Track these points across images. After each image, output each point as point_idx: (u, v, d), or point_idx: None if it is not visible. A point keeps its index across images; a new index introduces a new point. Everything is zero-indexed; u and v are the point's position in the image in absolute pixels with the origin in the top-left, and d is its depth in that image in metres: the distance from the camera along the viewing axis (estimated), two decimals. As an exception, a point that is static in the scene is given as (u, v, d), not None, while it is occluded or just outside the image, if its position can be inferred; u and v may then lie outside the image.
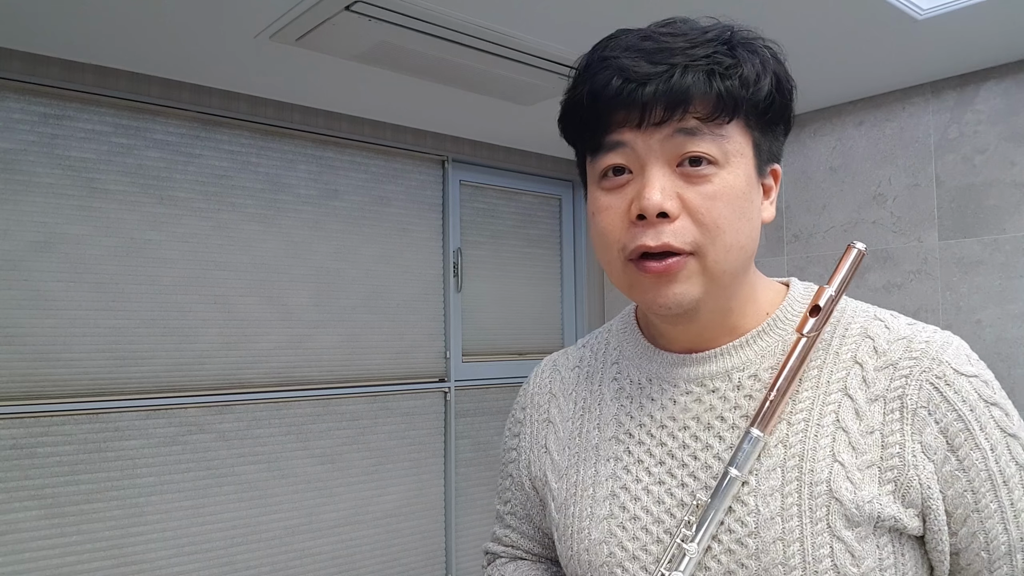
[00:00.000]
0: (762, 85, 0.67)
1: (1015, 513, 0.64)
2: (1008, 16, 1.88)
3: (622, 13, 1.80)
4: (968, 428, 0.64)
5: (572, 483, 0.77)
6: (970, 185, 2.29)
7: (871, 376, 0.67)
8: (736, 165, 0.66)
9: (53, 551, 1.95)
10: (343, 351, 2.55)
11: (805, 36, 1.98)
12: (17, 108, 1.98)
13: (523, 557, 0.90)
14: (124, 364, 2.11)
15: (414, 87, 2.27)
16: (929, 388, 0.65)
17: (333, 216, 2.55)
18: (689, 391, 0.73)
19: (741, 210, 0.66)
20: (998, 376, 2.29)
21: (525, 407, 0.87)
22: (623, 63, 0.65)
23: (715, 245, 0.66)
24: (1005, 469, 0.64)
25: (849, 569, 0.63)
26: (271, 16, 1.77)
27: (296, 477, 2.41)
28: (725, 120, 0.65)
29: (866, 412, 0.66)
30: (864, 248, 0.71)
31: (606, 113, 0.66)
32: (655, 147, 0.65)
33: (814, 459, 0.65)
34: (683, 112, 0.64)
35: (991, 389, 0.67)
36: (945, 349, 0.67)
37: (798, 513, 0.64)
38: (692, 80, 0.63)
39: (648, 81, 0.64)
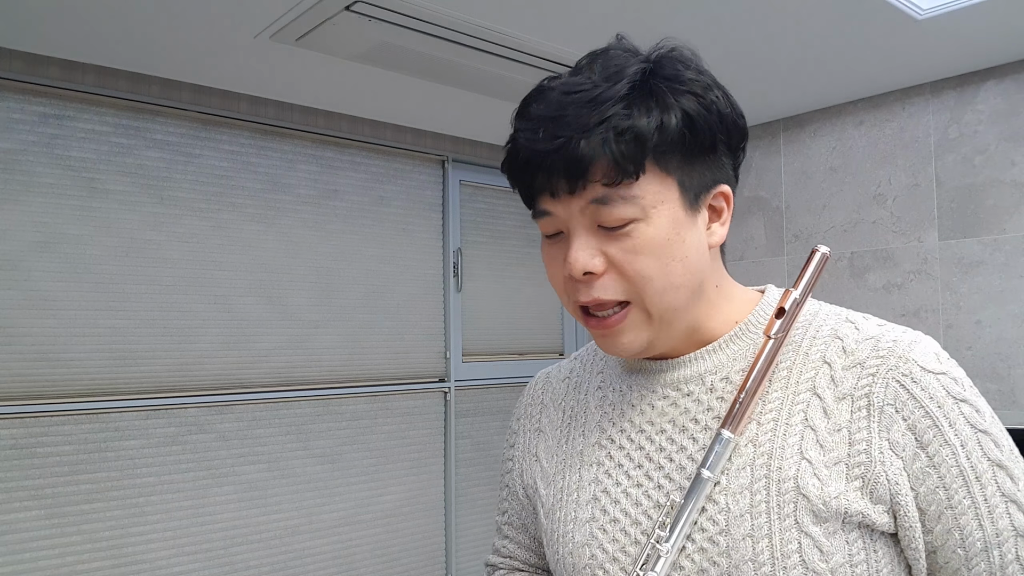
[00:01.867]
0: (667, 132, 0.66)
1: (989, 509, 0.65)
2: (1008, 16, 1.88)
3: (622, 13, 1.80)
4: (937, 425, 0.65)
5: (558, 488, 0.79)
6: (970, 185, 2.29)
7: (839, 375, 0.68)
8: (657, 214, 0.67)
9: (53, 551, 1.95)
10: (343, 351, 2.55)
11: (805, 36, 1.98)
12: (17, 108, 1.98)
13: (521, 568, 0.91)
14: (124, 364, 2.11)
15: (414, 87, 2.28)
16: (896, 386, 0.66)
17: (333, 216, 2.55)
18: (666, 395, 0.75)
19: (668, 255, 0.67)
20: (998, 376, 2.28)
21: (519, 418, 0.90)
22: (525, 139, 0.67)
23: (647, 293, 0.68)
24: (977, 465, 0.65)
25: (818, 564, 0.64)
26: (271, 16, 1.77)
27: (296, 477, 2.41)
28: (632, 179, 0.65)
29: (834, 410, 0.67)
30: (828, 252, 0.72)
31: (526, 184, 0.69)
32: (575, 213, 0.67)
33: (782, 457, 0.67)
34: (584, 182, 0.65)
35: (960, 386, 0.67)
36: (912, 348, 0.68)
37: (766, 510, 0.66)
38: (586, 150, 0.64)
39: (547, 157, 0.65)
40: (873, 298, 2.48)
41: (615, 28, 1.60)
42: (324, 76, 2.18)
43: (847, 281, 2.55)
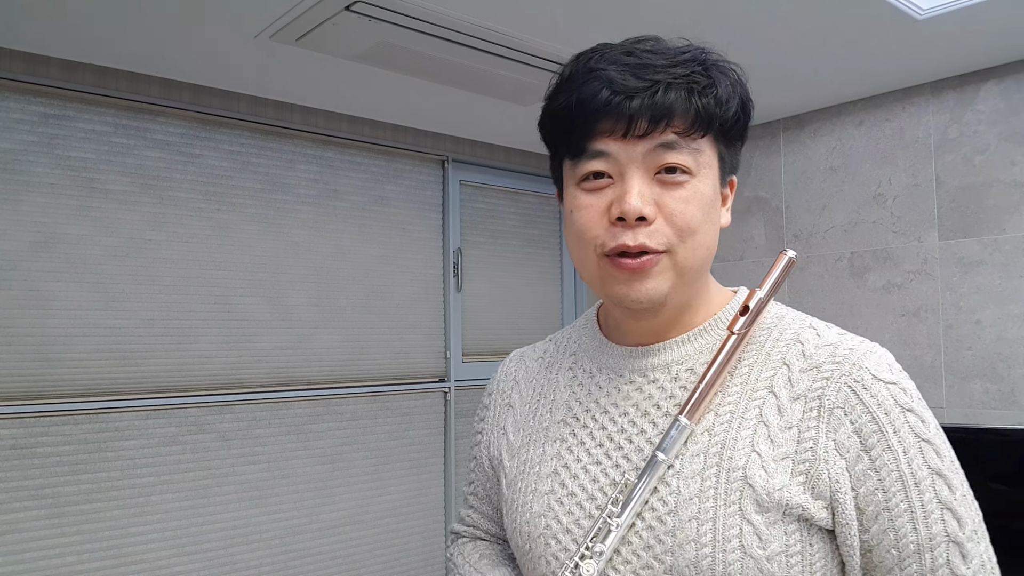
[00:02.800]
0: (731, 105, 0.74)
1: (924, 514, 0.67)
2: (1008, 16, 1.88)
3: (621, 13, 1.80)
4: (882, 430, 0.68)
5: (522, 461, 0.84)
6: (970, 185, 2.29)
7: (796, 377, 0.72)
8: (705, 175, 0.73)
9: (53, 551, 1.95)
10: (343, 351, 2.55)
11: (805, 36, 1.98)
12: (17, 108, 1.98)
13: (482, 537, 0.96)
14: (124, 364, 2.11)
15: (414, 87, 2.27)
16: (847, 390, 0.70)
17: (333, 216, 2.55)
18: (632, 380, 0.79)
19: (708, 214, 0.73)
20: (998, 376, 2.28)
21: (492, 393, 0.95)
22: (611, 75, 0.70)
23: (686, 244, 0.72)
24: (917, 471, 0.68)
25: (755, 550, 0.67)
26: (271, 16, 1.77)
27: (296, 477, 2.41)
28: (700, 135, 0.72)
29: (787, 409, 0.71)
30: (794, 256, 0.76)
31: (592, 122, 0.71)
32: (636, 157, 0.71)
33: (734, 448, 0.71)
34: (664, 126, 0.70)
35: (908, 396, 0.71)
36: (867, 357, 0.72)
37: (714, 495, 0.69)
38: (674, 97, 0.69)
39: (635, 95, 0.69)
40: (873, 298, 2.48)
41: (615, 28, 1.62)
42: (324, 76, 2.18)
43: (847, 281, 2.55)
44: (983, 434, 2.11)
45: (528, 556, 0.79)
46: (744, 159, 2.85)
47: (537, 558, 0.78)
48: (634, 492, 0.71)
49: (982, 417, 2.22)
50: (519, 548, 0.81)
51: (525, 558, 0.80)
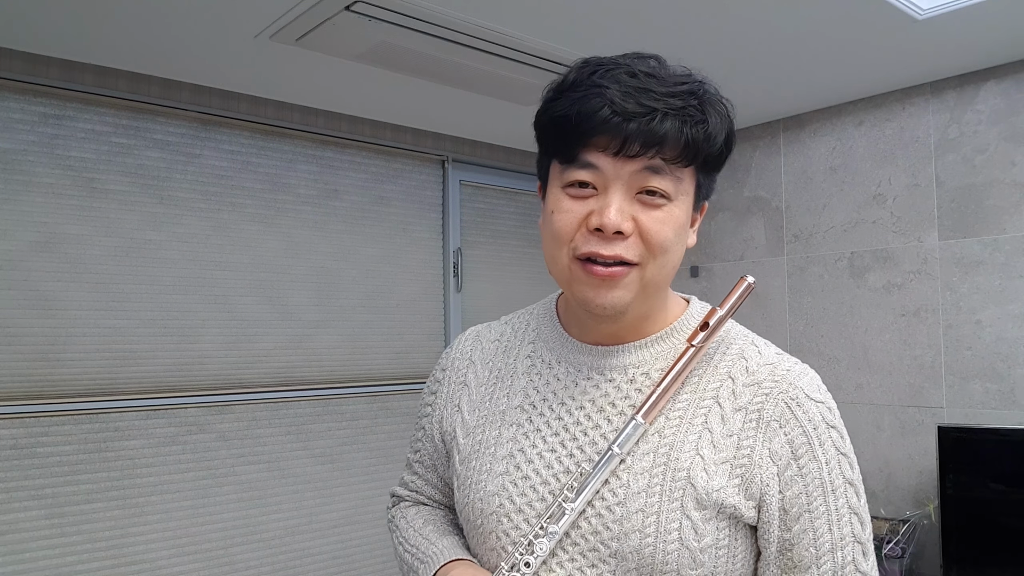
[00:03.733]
0: (718, 140, 0.78)
1: (838, 516, 0.77)
2: (1008, 16, 1.88)
3: (622, 13, 1.80)
4: (810, 442, 0.78)
5: (477, 441, 0.88)
6: (970, 185, 2.29)
7: (739, 390, 0.80)
8: (682, 201, 0.78)
9: (53, 551, 1.95)
10: (343, 351, 2.55)
11: (805, 36, 1.98)
12: (17, 108, 1.98)
13: (424, 503, 1.02)
14: (124, 364, 2.11)
15: (414, 87, 2.27)
16: (783, 406, 0.78)
17: (333, 216, 2.55)
18: (590, 377, 0.85)
19: (679, 236, 0.79)
20: (998, 376, 2.28)
21: (445, 369, 0.99)
22: (613, 95, 0.73)
23: (656, 261, 0.78)
24: (835, 480, 0.78)
25: (691, 542, 0.75)
26: (271, 16, 1.77)
27: (296, 477, 2.41)
28: (685, 164, 0.77)
29: (730, 418, 0.79)
30: (753, 282, 0.82)
31: (588, 135, 0.75)
32: (623, 175, 0.75)
33: (681, 450, 0.78)
34: (655, 152, 0.74)
35: (833, 415, 0.80)
36: (801, 377, 0.81)
37: (659, 491, 0.77)
38: (669, 126, 0.74)
39: (632, 119, 0.73)
40: (873, 298, 2.48)
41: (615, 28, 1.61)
42: (324, 76, 2.18)
43: (847, 281, 2.55)
44: (983, 434, 2.11)
45: (479, 530, 0.85)
46: (744, 159, 2.85)
47: (488, 533, 0.83)
48: (588, 481, 0.78)
49: (982, 417, 2.22)
50: (470, 522, 0.86)
51: (476, 531, 0.85)
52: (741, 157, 2.86)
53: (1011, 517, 2.02)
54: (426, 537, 0.92)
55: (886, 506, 2.39)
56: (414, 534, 0.95)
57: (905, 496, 2.37)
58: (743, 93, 2.44)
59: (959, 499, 2.09)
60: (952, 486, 2.10)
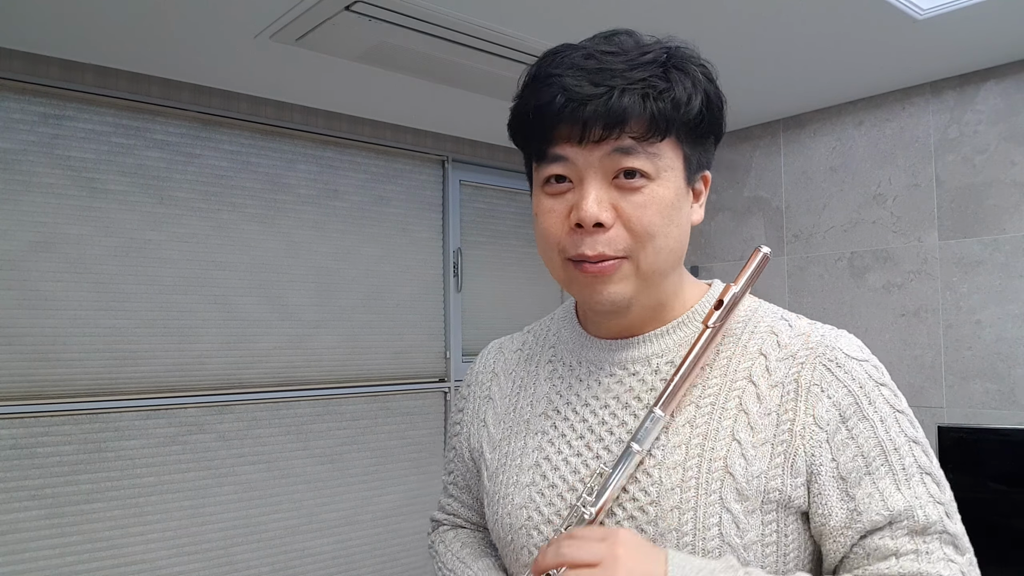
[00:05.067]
0: (693, 105, 0.72)
1: (907, 476, 0.70)
2: (1008, 16, 1.88)
3: (622, 12, 1.80)
4: (857, 402, 0.71)
5: (504, 453, 0.84)
6: (970, 185, 2.29)
7: (773, 366, 0.74)
8: (666, 178, 0.73)
9: (53, 551, 1.95)
10: (343, 351, 2.55)
11: (805, 36, 1.98)
12: (17, 108, 1.98)
13: (463, 525, 0.97)
14: (124, 364, 2.11)
15: (414, 87, 2.27)
16: (822, 369, 0.72)
17: (333, 216, 2.55)
18: (612, 373, 0.80)
19: (669, 217, 0.73)
20: (998, 376, 2.27)
21: (470, 384, 0.95)
22: (567, 82, 0.70)
23: (646, 249, 0.72)
24: (895, 438, 0.70)
25: (733, 538, 0.69)
26: (271, 16, 1.77)
27: (296, 477, 2.41)
28: (658, 139, 0.71)
29: (767, 396, 0.73)
30: (769, 251, 0.77)
31: (550, 128, 0.71)
32: (594, 162, 0.71)
33: (716, 438, 0.72)
34: (620, 131, 0.69)
35: (881, 373, 0.74)
36: (839, 339, 0.75)
37: (695, 485, 0.70)
38: (629, 102, 0.69)
39: (589, 101, 0.69)
40: (873, 298, 2.48)
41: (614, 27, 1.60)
42: (324, 76, 2.18)
43: (847, 281, 2.55)
44: (983, 434, 2.11)
45: (510, 547, 0.80)
46: (744, 159, 2.85)
47: (519, 548, 0.79)
48: (609, 481, 0.72)
49: (982, 417, 2.22)
50: (501, 539, 0.82)
51: (507, 548, 0.81)
52: (741, 157, 2.86)
53: (1011, 517, 2.02)
54: (462, 560, 0.89)
55: (886, 506, 2.39)
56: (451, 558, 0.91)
57: (905, 496, 2.37)
58: (743, 93, 2.44)
59: (959, 499, 2.06)
60: (952, 486, 2.09)
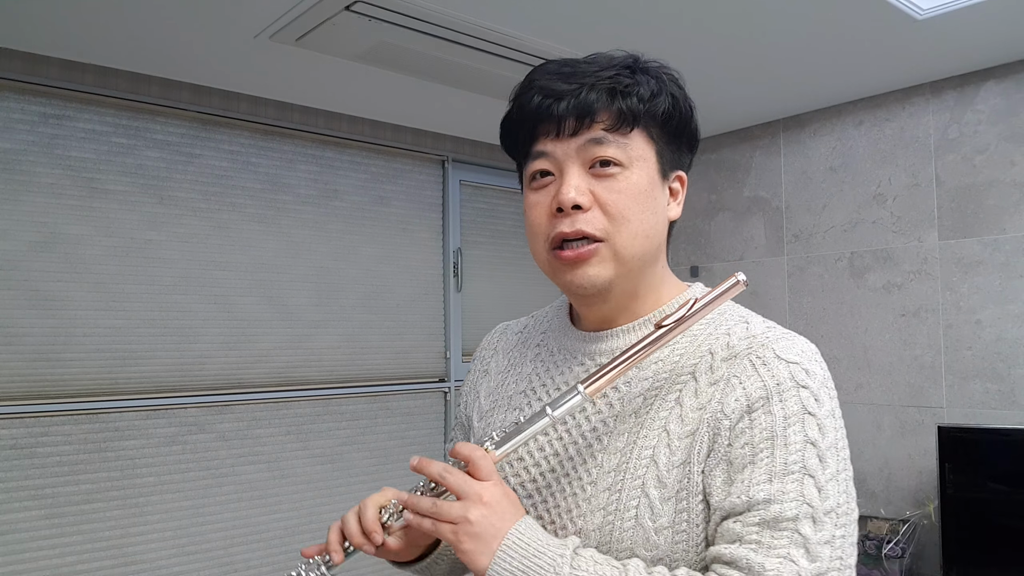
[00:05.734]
0: (659, 101, 0.80)
1: (784, 472, 0.70)
2: (1008, 16, 1.88)
3: (622, 13, 1.80)
4: (768, 397, 0.73)
5: (487, 424, 0.93)
6: (970, 185, 2.29)
7: (716, 364, 0.78)
8: (639, 167, 0.80)
9: (53, 551, 1.95)
10: (343, 351, 2.55)
11: (805, 36, 1.97)
12: (17, 108, 1.98)
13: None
14: (124, 364, 2.11)
15: (414, 87, 2.27)
16: (747, 364, 0.76)
17: (333, 216, 2.55)
18: (582, 363, 0.87)
19: (644, 204, 0.80)
20: (998, 376, 2.27)
21: (475, 360, 1.04)
22: (542, 84, 0.80)
23: (622, 233, 0.79)
24: (792, 436, 0.72)
25: (646, 522, 0.74)
26: (271, 16, 1.77)
27: (296, 477, 2.41)
28: (627, 129, 0.79)
29: (703, 391, 0.77)
30: (744, 280, 0.78)
31: (531, 127, 0.81)
32: (571, 153, 0.79)
33: (651, 428, 0.78)
34: (590, 122, 0.78)
35: (809, 377, 0.75)
36: (779, 341, 0.77)
37: (626, 470, 0.77)
38: (596, 96, 0.78)
39: (562, 97, 0.78)
40: (873, 298, 2.48)
41: (615, 27, 1.61)
42: (324, 76, 2.18)
43: (847, 281, 2.55)
44: (983, 434, 2.11)
45: None
46: (744, 159, 2.85)
47: None
48: (515, 435, 0.78)
49: (982, 417, 2.22)
50: None
51: None
52: (741, 157, 2.86)
53: (1011, 517, 2.02)
54: None
55: (886, 506, 2.39)
56: None
57: (905, 496, 2.37)
58: (743, 93, 2.44)
59: (959, 499, 2.09)
60: (952, 486, 2.10)
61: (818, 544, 0.68)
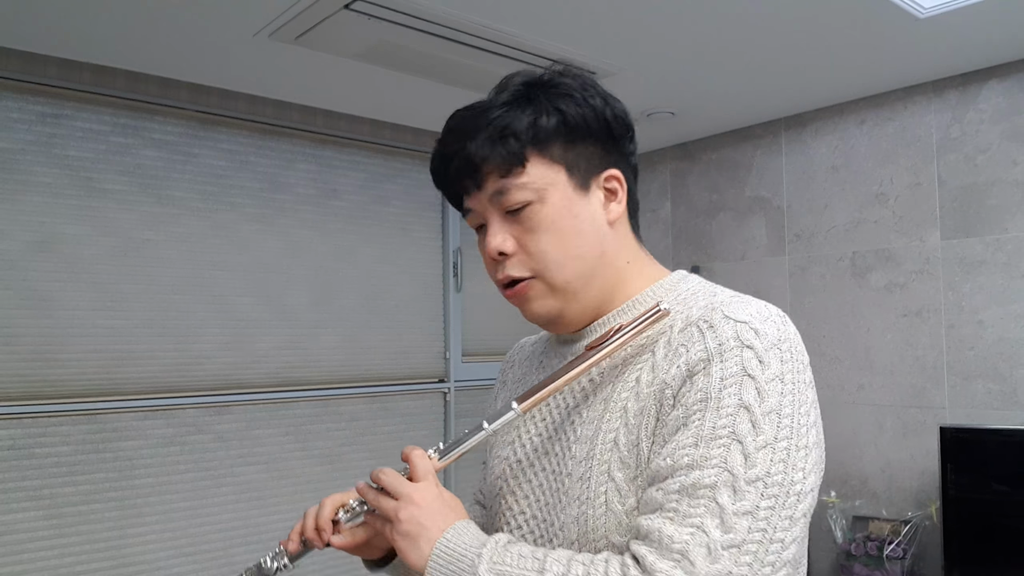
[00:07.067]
0: (542, 122, 0.79)
1: (712, 436, 0.67)
2: (1010, 15, 1.87)
3: (621, 13, 1.79)
4: (709, 359, 0.70)
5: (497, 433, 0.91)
6: (972, 184, 2.28)
7: (675, 337, 0.76)
8: (550, 194, 0.80)
9: (51, 552, 1.95)
10: (343, 351, 2.54)
11: (807, 35, 1.97)
12: (15, 107, 1.97)
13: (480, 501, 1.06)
14: (122, 364, 2.10)
15: (414, 87, 2.27)
16: (695, 330, 0.73)
17: (333, 216, 2.55)
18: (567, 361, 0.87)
19: (563, 231, 0.80)
20: (1000, 376, 2.25)
21: (500, 372, 1.08)
22: (438, 148, 0.83)
23: (548, 266, 0.80)
24: (726, 399, 0.68)
25: (616, 506, 0.73)
26: (270, 15, 1.76)
27: (295, 478, 2.40)
28: (520, 167, 0.79)
29: (660, 366, 0.75)
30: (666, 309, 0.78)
31: (443, 188, 0.86)
32: (486, 205, 0.82)
33: (613, 411, 0.77)
34: (482, 176, 0.80)
35: (757, 337, 0.70)
36: (731, 303, 0.74)
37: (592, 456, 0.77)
38: (477, 149, 0.78)
39: (452, 159, 0.81)
40: (875, 298, 2.47)
41: (615, 27, 1.61)
42: (323, 75, 2.17)
43: (848, 281, 2.54)
44: (985, 434, 2.10)
45: (491, 512, 0.91)
46: (745, 159, 2.84)
47: (495, 514, 0.89)
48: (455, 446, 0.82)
49: (984, 417, 2.21)
50: (487, 508, 0.95)
51: (490, 515, 0.93)
52: (742, 156, 2.86)
53: (1013, 518, 2.01)
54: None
55: (888, 507, 2.38)
56: None
57: (907, 497, 2.36)
58: (744, 92, 2.44)
59: (961, 500, 2.08)
60: (954, 487, 2.09)
61: (735, 515, 0.64)
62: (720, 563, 0.63)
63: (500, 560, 0.71)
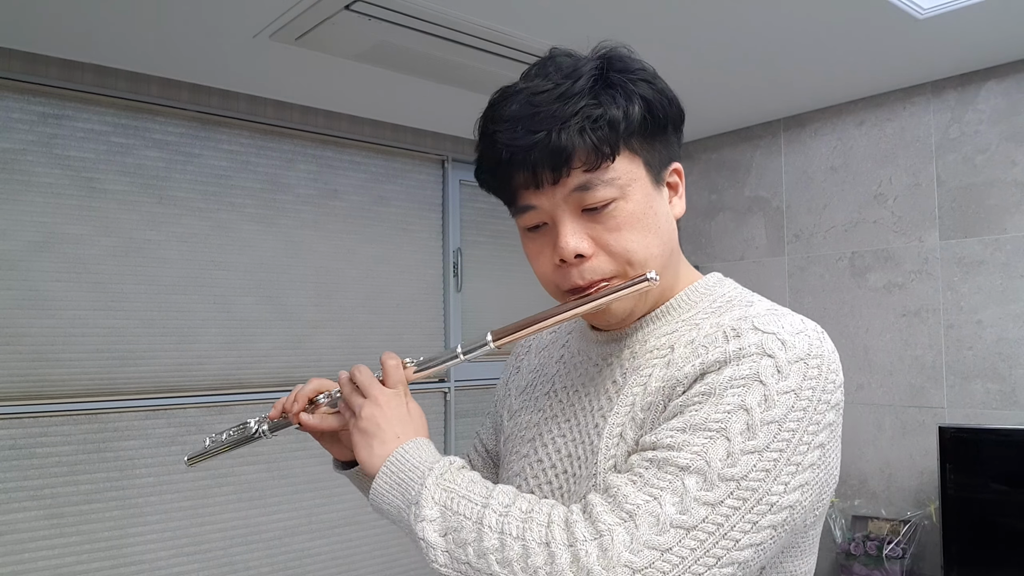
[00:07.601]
0: (632, 116, 0.73)
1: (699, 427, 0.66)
2: (1009, 16, 1.88)
3: (621, 12, 1.80)
4: (725, 361, 0.69)
5: (516, 423, 0.92)
6: (971, 185, 2.28)
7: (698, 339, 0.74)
8: (632, 191, 0.75)
9: (52, 551, 1.95)
10: (343, 351, 2.54)
11: (806, 35, 1.97)
12: (16, 108, 1.97)
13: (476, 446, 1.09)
14: (123, 364, 2.10)
15: (414, 87, 2.27)
16: (720, 335, 0.72)
17: (333, 216, 2.55)
18: (597, 363, 0.85)
19: (645, 228, 0.75)
20: (999, 376, 2.26)
21: (512, 356, 1.05)
22: (507, 137, 0.73)
23: (632, 266, 0.75)
24: (728, 398, 0.66)
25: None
26: (271, 15, 1.77)
27: (295, 477, 2.40)
28: (609, 162, 0.72)
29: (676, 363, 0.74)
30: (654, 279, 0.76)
31: (505, 182, 0.76)
32: (559, 202, 0.74)
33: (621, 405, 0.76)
34: (568, 170, 0.72)
35: (782, 348, 0.68)
36: (765, 315, 0.72)
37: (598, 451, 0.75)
38: (567, 140, 0.70)
39: (532, 150, 0.71)
40: (874, 298, 2.48)
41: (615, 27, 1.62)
42: (324, 75, 2.17)
43: (848, 281, 2.54)
44: (984, 434, 2.10)
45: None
46: (744, 159, 2.85)
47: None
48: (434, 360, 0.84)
49: (983, 417, 2.21)
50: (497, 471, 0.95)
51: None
52: (742, 157, 2.86)
53: (1012, 518, 2.02)
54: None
55: (887, 507, 2.38)
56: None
57: (906, 497, 2.37)
58: (744, 93, 2.44)
59: (960, 500, 2.08)
60: (953, 487, 2.09)
61: (695, 501, 0.63)
62: (664, 537, 0.62)
63: (451, 479, 0.73)
